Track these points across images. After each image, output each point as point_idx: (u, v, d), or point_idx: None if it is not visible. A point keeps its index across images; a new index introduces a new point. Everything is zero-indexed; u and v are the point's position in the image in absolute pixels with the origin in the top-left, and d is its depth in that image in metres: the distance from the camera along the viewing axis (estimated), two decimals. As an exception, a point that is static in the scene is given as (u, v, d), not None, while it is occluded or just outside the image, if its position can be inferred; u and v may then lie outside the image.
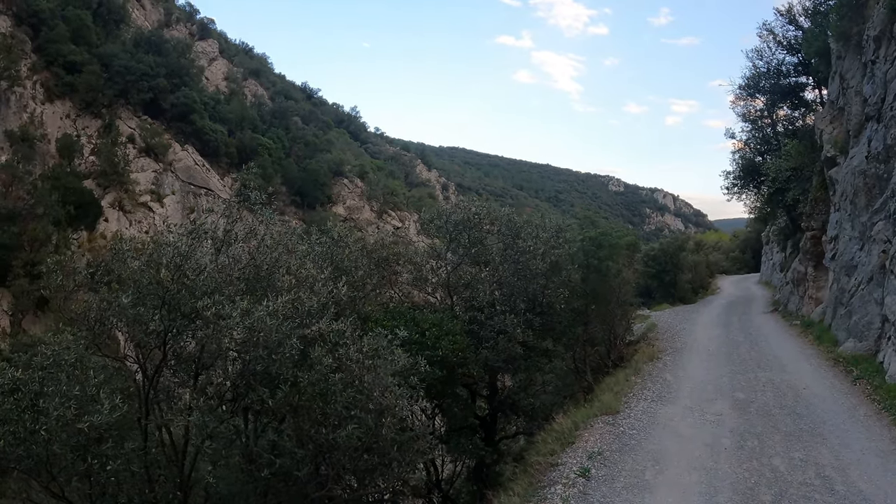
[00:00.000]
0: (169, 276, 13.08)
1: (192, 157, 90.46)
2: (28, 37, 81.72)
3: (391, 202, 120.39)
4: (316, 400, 12.95)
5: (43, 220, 64.99)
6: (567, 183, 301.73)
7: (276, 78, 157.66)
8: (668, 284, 50.52)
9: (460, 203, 24.03)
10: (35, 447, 11.64)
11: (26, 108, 77.98)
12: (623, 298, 28.87)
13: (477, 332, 21.09)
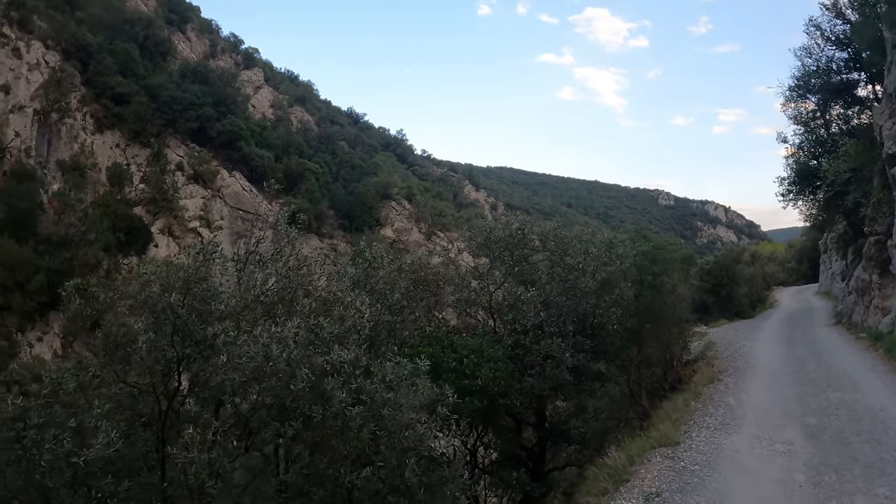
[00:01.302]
0: (179, 300, 12.15)
1: (239, 182, 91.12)
2: (77, 70, 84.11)
3: (439, 223, 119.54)
4: (334, 436, 11.71)
5: (94, 245, 66.80)
6: (616, 199, 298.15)
7: (322, 104, 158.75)
8: (724, 299, 48.39)
9: (501, 218, 22.64)
10: (37, 478, 11.07)
11: (77, 139, 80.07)
12: (679, 315, 27.01)
13: (521, 357, 19.49)
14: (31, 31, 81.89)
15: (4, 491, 11.45)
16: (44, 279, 57.10)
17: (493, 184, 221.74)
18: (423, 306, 20.85)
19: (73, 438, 11.01)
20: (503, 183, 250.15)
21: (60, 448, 10.84)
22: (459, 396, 14.95)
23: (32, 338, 60.12)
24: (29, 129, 75.60)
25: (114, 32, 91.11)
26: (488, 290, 21.35)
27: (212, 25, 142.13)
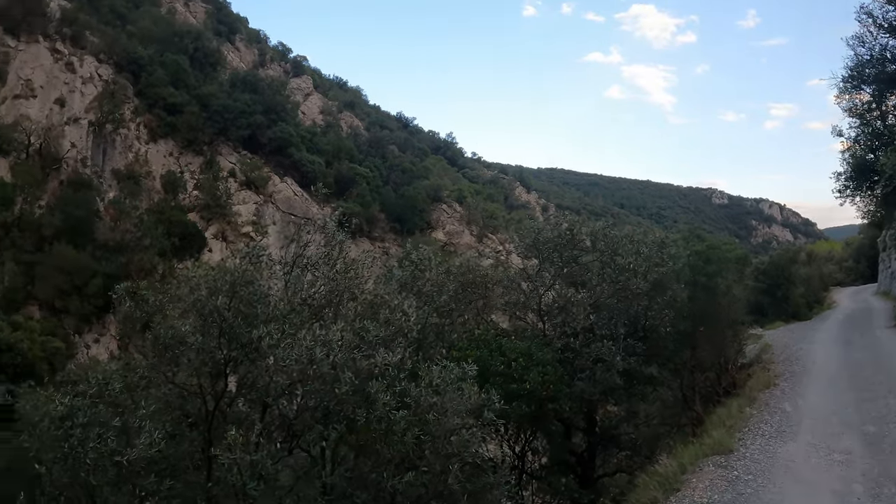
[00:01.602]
0: (225, 303, 12.18)
1: (290, 188, 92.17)
2: (129, 82, 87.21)
3: (491, 225, 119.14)
4: (378, 440, 11.58)
5: (149, 250, 69.01)
6: (668, 198, 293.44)
7: (371, 109, 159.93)
8: (780, 300, 47.02)
9: (550, 219, 22.23)
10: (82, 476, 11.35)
11: (131, 149, 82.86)
12: (734, 317, 26.06)
13: (571, 360, 19.08)
14: (84, 47, 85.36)
15: (51, 487, 11.72)
16: (100, 283, 58.45)
17: (543, 185, 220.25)
18: (471, 309, 20.65)
19: (117, 438, 11.16)
20: (554, 184, 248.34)
21: (104, 447, 11.08)
22: (507, 401, 14.67)
23: (89, 339, 61.93)
24: (84, 140, 78.31)
25: (164, 45, 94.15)
26: (537, 292, 21.00)
27: (260, 35, 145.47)
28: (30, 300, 61.12)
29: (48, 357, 50.80)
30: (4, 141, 70.80)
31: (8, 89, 76.37)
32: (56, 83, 79.49)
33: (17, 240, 64.88)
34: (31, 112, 75.37)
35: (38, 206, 68.42)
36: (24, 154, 72.16)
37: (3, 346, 48.07)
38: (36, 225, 66.30)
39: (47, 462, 11.60)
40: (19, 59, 78.53)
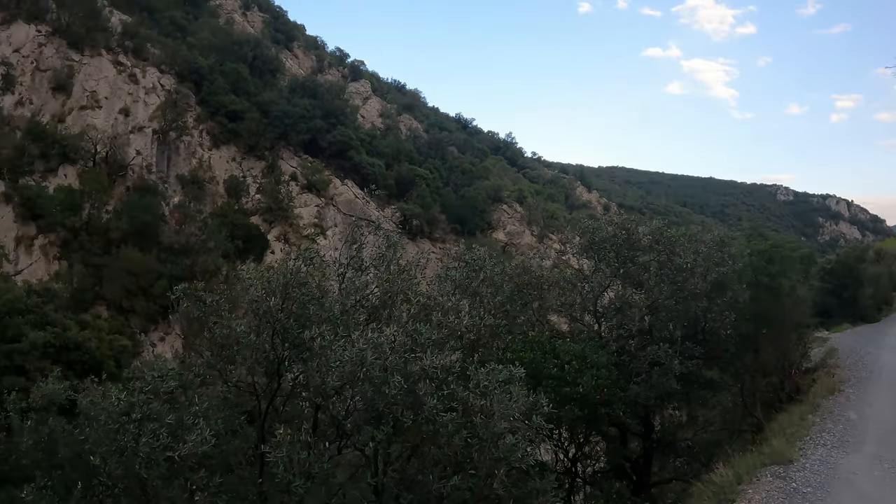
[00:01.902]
0: (278, 304, 12.34)
1: (351, 190, 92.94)
2: (191, 91, 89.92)
3: (552, 225, 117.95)
4: (426, 442, 11.54)
5: (213, 253, 70.34)
6: (732, 196, 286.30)
7: (430, 111, 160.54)
8: (847, 301, 45.41)
9: (604, 218, 21.84)
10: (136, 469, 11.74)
11: (195, 155, 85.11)
12: (798, 320, 25.07)
13: (627, 363, 18.67)
14: (146, 58, 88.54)
15: (106, 479, 12.14)
16: (166, 284, 59.59)
17: (605, 184, 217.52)
18: (527, 310, 20.46)
19: (171, 433, 11.40)
20: (616, 183, 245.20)
21: (157, 442, 11.39)
22: (559, 404, 14.48)
23: (155, 338, 63.55)
24: (149, 147, 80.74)
25: (224, 54, 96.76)
26: (593, 293, 20.64)
27: (317, 42, 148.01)
28: (98, 300, 63.02)
29: (115, 355, 51.94)
30: (72, 150, 73.32)
31: (74, 101, 79.23)
32: (120, 94, 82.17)
33: (86, 243, 67.01)
34: (97, 122, 77.85)
35: (105, 211, 70.50)
36: (90, 162, 74.56)
37: (72, 344, 49.29)
38: (103, 229, 68.33)
39: (103, 455, 12.00)
40: (84, 72, 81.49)
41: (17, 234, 66.20)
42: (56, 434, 14.23)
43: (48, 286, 57.60)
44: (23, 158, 70.28)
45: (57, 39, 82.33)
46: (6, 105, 75.29)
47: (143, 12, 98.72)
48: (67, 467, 13.85)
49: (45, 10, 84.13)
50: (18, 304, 49.41)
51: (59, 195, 68.79)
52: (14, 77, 77.43)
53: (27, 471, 15.06)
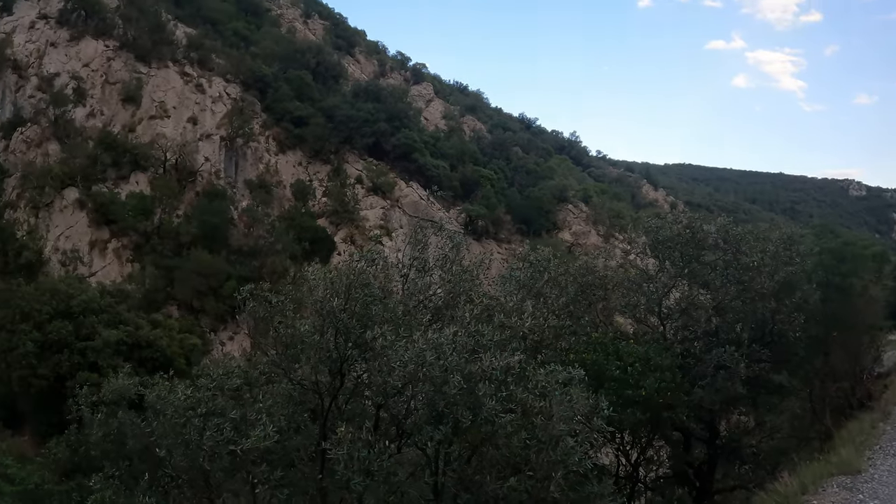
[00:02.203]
0: (341, 304, 12.53)
1: (416, 192, 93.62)
2: (256, 99, 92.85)
3: (617, 225, 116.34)
4: (484, 443, 11.55)
5: (281, 255, 72.17)
6: (802, 192, 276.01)
7: (493, 112, 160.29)
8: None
9: (668, 216, 21.37)
10: (199, 461, 12.20)
11: (261, 160, 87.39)
12: (871, 322, 24.21)
13: (692, 366, 18.20)
14: (212, 69, 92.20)
15: (171, 470, 12.68)
16: (235, 285, 60.64)
17: (672, 182, 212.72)
18: (591, 311, 20.25)
19: (234, 428, 11.71)
20: (683, 181, 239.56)
21: (221, 436, 11.72)
22: (622, 407, 14.29)
23: (224, 337, 65.39)
24: (217, 153, 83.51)
25: (287, 62, 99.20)
26: (658, 294, 20.28)
27: (378, 46, 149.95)
28: (169, 301, 65.11)
29: (185, 353, 53.58)
30: (143, 158, 76.46)
31: (143, 111, 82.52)
32: (188, 103, 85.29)
33: (157, 246, 69.34)
34: (166, 131, 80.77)
35: (175, 215, 72.83)
36: (161, 169, 77.45)
37: (144, 342, 51.10)
38: (174, 233, 70.53)
39: (169, 447, 12.48)
40: (152, 84, 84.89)
41: (92, 238, 68.91)
42: (125, 427, 14.78)
43: (121, 287, 59.76)
44: (96, 167, 73.45)
45: (124, 53, 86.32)
46: (78, 117, 78.78)
47: (206, 24, 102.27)
48: (135, 458, 14.39)
49: (112, 27, 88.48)
50: (93, 305, 51.35)
51: (132, 201, 71.33)
52: (85, 90, 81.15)
53: (96, 461, 15.72)
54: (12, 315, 50.19)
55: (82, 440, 17.51)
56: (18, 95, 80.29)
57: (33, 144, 76.19)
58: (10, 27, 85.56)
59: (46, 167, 72.19)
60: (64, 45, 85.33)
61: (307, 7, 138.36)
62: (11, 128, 77.31)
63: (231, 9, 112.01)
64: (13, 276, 60.74)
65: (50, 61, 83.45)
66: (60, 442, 34.09)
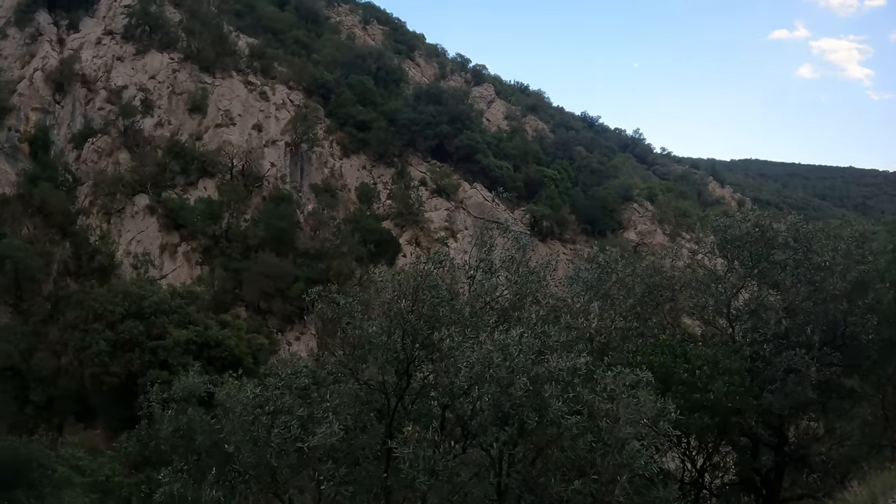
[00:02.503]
0: (409, 306, 12.74)
1: (480, 193, 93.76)
2: (319, 105, 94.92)
3: (684, 224, 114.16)
4: (549, 445, 11.57)
5: (347, 257, 73.49)
6: (874, 186, 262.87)
7: (555, 111, 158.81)
8: None
9: (737, 214, 20.90)
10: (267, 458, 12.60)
11: (326, 165, 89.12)
12: None
13: (761, 370, 17.74)
14: (274, 77, 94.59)
15: (239, 466, 13.07)
16: (302, 287, 62.16)
17: (738, 178, 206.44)
18: (658, 312, 20.01)
19: (301, 426, 12.01)
20: (749, 177, 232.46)
21: (288, 433, 12.09)
22: (689, 411, 14.13)
23: (291, 337, 66.96)
24: (282, 159, 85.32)
25: (348, 68, 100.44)
26: (727, 295, 19.84)
27: (438, 49, 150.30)
28: (237, 302, 66.96)
29: (253, 352, 55.04)
30: (210, 164, 79.03)
31: (209, 120, 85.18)
32: (252, 111, 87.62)
33: (226, 249, 71.31)
34: (232, 138, 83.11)
35: (243, 219, 74.62)
36: (228, 175, 79.72)
37: (213, 341, 52.67)
38: (242, 236, 72.26)
39: (237, 443, 12.93)
40: (217, 93, 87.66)
41: (162, 242, 71.17)
42: (194, 423, 15.23)
43: (191, 289, 61.54)
44: (165, 174, 76.09)
45: (189, 65, 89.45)
46: (146, 127, 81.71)
47: (267, 34, 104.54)
48: (203, 454, 14.85)
49: (176, 40, 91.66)
50: (163, 306, 53.21)
51: (200, 206, 73.40)
52: (152, 101, 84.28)
53: (165, 455, 16.29)
54: (86, 316, 52.43)
55: (153, 435, 18.12)
56: (88, 108, 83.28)
57: (104, 154, 79.10)
58: (78, 44, 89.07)
59: (117, 175, 74.92)
60: (130, 59, 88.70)
61: (365, 13, 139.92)
62: (82, 139, 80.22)
63: (291, 18, 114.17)
64: (87, 279, 63.50)
65: (117, 75, 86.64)
66: (131, 436, 35.52)
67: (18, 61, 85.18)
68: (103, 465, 35.22)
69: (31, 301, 62.43)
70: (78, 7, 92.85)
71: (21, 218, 68.88)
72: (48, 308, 61.80)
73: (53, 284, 65.89)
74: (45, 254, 66.36)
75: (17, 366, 56.17)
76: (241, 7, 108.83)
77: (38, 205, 69.83)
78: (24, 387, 55.56)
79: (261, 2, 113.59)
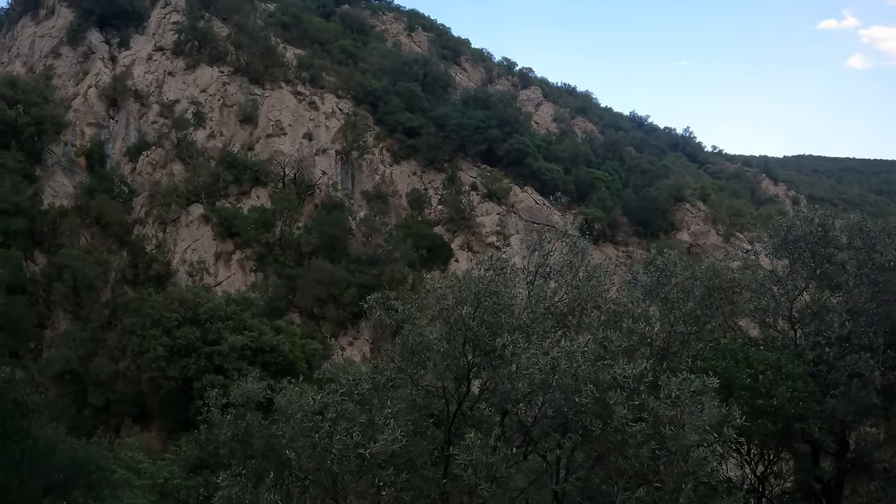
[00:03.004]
0: (470, 312, 12.80)
1: (531, 197, 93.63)
2: (368, 113, 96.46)
3: (738, 223, 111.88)
4: (613, 452, 11.50)
5: (399, 262, 74.42)
6: None
7: (603, 112, 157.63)
8: None
9: (799, 213, 20.37)
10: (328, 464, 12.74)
11: (377, 171, 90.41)
12: None
13: (824, 374, 17.33)
14: (323, 86, 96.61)
15: (298, 471, 13.30)
16: (355, 293, 63.88)
17: (792, 175, 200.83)
18: (718, 315, 19.66)
19: (362, 432, 12.15)
20: (803, 173, 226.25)
21: (349, 440, 12.29)
22: (751, 417, 13.91)
23: (344, 342, 67.89)
24: (333, 167, 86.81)
25: (395, 75, 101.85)
26: (788, 297, 19.41)
27: (483, 54, 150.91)
28: (291, 308, 68.12)
29: (307, 357, 55.98)
30: (262, 174, 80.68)
31: (261, 130, 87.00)
32: (302, 120, 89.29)
33: (280, 256, 72.55)
34: (283, 147, 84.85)
35: (296, 227, 75.78)
36: (280, 184, 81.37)
37: (267, 347, 53.69)
38: (295, 243, 73.39)
39: (297, 449, 13.15)
40: (267, 104, 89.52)
41: (217, 250, 72.68)
42: (252, 428, 15.53)
43: (245, 296, 62.65)
44: (218, 184, 77.78)
45: (239, 77, 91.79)
46: (199, 139, 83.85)
47: (314, 45, 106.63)
48: (260, 458, 15.13)
49: (225, 53, 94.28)
50: (219, 312, 54.43)
51: (253, 215, 74.74)
52: (204, 114, 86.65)
53: (224, 459, 16.62)
54: (143, 322, 53.96)
55: (211, 439, 18.54)
56: (142, 122, 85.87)
57: (158, 166, 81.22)
58: (130, 60, 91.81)
59: (172, 186, 76.81)
60: (181, 73, 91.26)
61: (410, 21, 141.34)
62: (137, 152, 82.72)
63: (337, 28, 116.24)
64: (144, 287, 65.31)
65: (169, 89, 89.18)
66: (190, 440, 36.26)
67: (72, 79, 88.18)
68: (162, 467, 36.01)
69: (89, 308, 64.29)
70: (128, 25, 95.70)
71: (79, 229, 71.07)
72: (106, 315, 63.59)
73: (111, 292, 67.77)
74: (103, 263, 68.44)
75: (77, 370, 58.03)
76: (287, 19, 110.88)
77: (95, 216, 72.05)
78: (83, 390, 57.35)
79: (307, 13, 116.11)
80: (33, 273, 65.40)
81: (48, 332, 63.74)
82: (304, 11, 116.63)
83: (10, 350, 57.11)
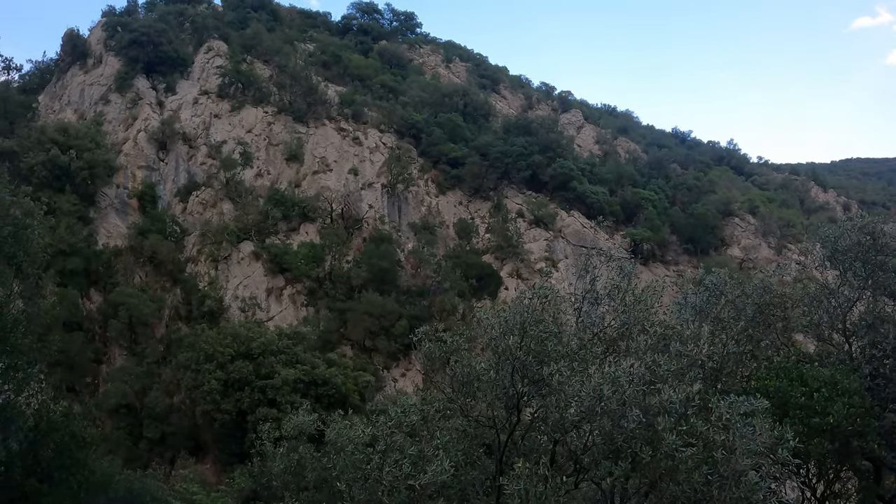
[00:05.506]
0: (517, 342, 12.89)
1: (578, 221, 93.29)
2: (412, 145, 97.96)
3: (789, 235, 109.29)
4: (664, 478, 11.39)
5: (449, 293, 74.53)
6: None
7: (646, 130, 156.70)
8: None
9: (843, 223, 19.90)
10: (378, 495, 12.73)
11: (423, 203, 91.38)
12: None
13: (881, 388, 16.98)
14: (365, 122, 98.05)
15: (349, 502, 13.37)
16: (405, 324, 64.19)
17: (840, 180, 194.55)
18: (771, 332, 19.30)
19: (412, 464, 12.27)
20: (852, 177, 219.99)
21: (400, 471, 12.38)
22: (808, 436, 13.68)
23: (396, 374, 68.07)
24: (379, 200, 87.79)
25: (436, 107, 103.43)
26: (841, 309, 18.97)
27: (522, 80, 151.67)
28: (343, 341, 68.58)
29: (359, 389, 56.29)
30: (310, 210, 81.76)
31: (307, 167, 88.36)
32: (347, 156, 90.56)
33: (330, 290, 73.21)
34: (330, 183, 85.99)
35: (345, 261, 76.54)
36: (328, 219, 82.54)
37: (320, 380, 54.21)
38: (345, 277, 74.07)
39: (349, 481, 13.26)
40: (312, 142, 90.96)
41: (268, 286, 73.72)
42: (305, 460, 15.77)
43: (297, 329, 63.45)
44: (267, 221, 79.09)
45: (283, 117, 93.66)
46: (247, 177, 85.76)
47: (355, 81, 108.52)
48: (313, 490, 15.35)
49: (269, 94, 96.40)
50: (271, 346, 55.27)
51: (303, 250, 75.77)
52: (251, 153, 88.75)
53: (277, 491, 16.87)
54: (197, 357, 55.00)
55: (265, 472, 18.88)
56: (190, 163, 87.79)
57: (208, 205, 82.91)
58: (176, 105, 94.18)
59: (222, 224, 78.22)
60: (227, 115, 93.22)
61: (447, 52, 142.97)
62: (187, 192, 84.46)
63: (376, 64, 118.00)
64: (197, 323, 66.57)
65: (216, 131, 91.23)
66: (244, 472, 36.71)
67: (122, 124, 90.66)
68: (216, 499, 36.47)
69: (144, 344, 65.62)
70: (173, 71, 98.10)
71: (133, 268, 72.76)
72: (161, 350, 64.82)
73: (165, 328, 69.12)
74: (157, 300, 69.81)
75: (132, 404, 59.16)
76: (327, 58, 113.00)
77: (148, 255, 73.67)
78: (139, 424, 58.34)
79: (345, 51, 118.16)
80: (89, 311, 66.89)
81: (104, 368, 65.12)
82: (342, 49, 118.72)
83: (67, 385, 58.63)
